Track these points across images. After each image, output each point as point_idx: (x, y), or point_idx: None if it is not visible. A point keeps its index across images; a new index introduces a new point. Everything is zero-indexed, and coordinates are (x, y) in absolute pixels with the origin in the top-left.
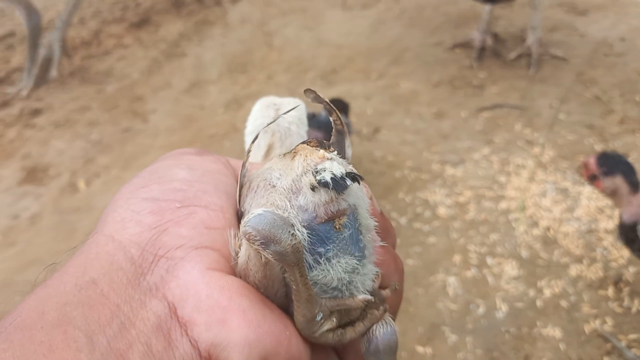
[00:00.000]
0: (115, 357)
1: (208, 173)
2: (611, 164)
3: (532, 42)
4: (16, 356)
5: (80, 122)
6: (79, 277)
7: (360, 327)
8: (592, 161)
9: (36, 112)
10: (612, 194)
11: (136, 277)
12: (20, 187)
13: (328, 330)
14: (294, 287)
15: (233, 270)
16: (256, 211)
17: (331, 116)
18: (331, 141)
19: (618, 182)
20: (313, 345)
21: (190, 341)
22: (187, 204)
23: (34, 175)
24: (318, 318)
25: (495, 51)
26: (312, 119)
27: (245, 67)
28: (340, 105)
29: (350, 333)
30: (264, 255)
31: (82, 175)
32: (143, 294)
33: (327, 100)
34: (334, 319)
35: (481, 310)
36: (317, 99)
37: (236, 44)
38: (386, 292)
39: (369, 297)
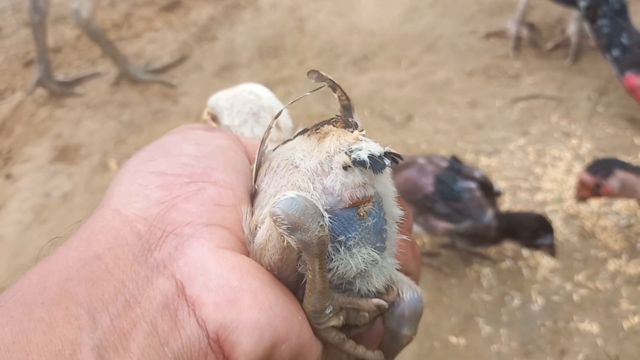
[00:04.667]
0: (118, 336)
1: (218, 149)
2: (603, 165)
3: (572, 32)
4: (15, 332)
5: (111, 103)
6: (83, 252)
7: (359, 350)
8: (585, 177)
9: (68, 92)
10: (623, 189)
11: (143, 254)
12: (52, 166)
13: (333, 327)
14: (310, 276)
15: (244, 250)
16: (288, 194)
17: (335, 92)
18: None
19: (621, 175)
20: None
21: (197, 321)
22: (195, 179)
23: (65, 154)
24: (327, 311)
25: (532, 40)
26: None
27: (277, 51)
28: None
29: (350, 346)
30: (287, 240)
31: (114, 156)
32: (150, 271)
33: (330, 77)
34: (341, 317)
35: (516, 302)
36: (320, 77)
37: (267, 29)
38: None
39: (382, 303)
